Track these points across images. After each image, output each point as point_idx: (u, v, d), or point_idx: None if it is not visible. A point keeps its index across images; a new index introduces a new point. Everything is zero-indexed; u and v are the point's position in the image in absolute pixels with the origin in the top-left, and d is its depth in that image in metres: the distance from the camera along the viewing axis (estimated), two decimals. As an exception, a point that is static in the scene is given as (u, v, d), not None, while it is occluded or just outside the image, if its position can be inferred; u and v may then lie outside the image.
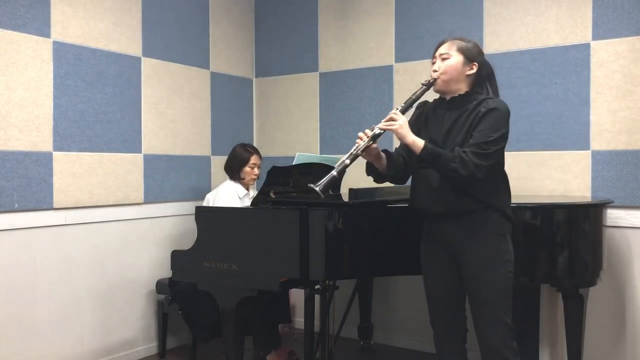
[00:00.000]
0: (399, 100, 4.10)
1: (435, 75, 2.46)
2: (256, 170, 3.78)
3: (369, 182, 4.17)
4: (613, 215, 3.33)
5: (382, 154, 2.54)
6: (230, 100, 4.56)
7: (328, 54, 4.43)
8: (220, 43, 4.47)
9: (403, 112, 2.44)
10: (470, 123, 2.38)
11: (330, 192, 3.51)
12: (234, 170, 3.74)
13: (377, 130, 2.40)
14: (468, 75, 2.45)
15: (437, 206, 2.45)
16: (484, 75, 2.48)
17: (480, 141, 2.32)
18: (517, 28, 3.68)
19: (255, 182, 3.90)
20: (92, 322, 3.62)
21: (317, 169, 3.39)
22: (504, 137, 2.37)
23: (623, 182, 3.37)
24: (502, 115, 2.37)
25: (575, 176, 3.50)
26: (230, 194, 3.67)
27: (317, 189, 2.33)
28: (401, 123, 2.39)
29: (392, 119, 2.40)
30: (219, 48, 4.45)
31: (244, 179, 3.75)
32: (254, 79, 4.79)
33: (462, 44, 2.46)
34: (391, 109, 4.07)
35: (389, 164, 2.55)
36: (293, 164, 3.26)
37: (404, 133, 2.39)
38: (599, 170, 3.43)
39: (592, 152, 3.45)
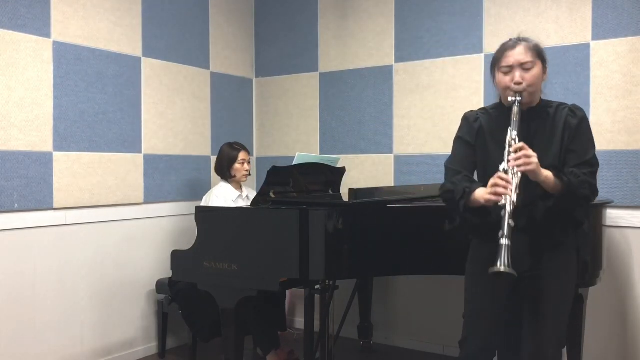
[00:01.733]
0: (399, 100, 4.10)
1: (520, 88, 2.18)
2: (246, 166, 3.76)
3: (369, 182, 4.18)
4: (613, 215, 3.33)
5: None
6: (230, 100, 4.56)
7: (328, 54, 4.43)
8: (220, 43, 4.47)
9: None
10: (561, 134, 2.21)
11: (330, 192, 3.51)
12: (224, 170, 3.74)
13: (519, 175, 2.07)
14: (543, 81, 2.27)
15: (527, 219, 2.20)
16: None
17: (589, 158, 2.19)
18: (517, 28, 3.67)
19: (248, 180, 3.88)
20: (92, 322, 3.62)
21: (317, 169, 3.40)
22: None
23: (623, 182, 3.37)
24: (588, 123, 2.26)
25: (575, 176, 3.49)
26: (223, 199, 3.65)
27: (507, 271, 1.95)
28: (536, 161, 2.08)
29: (527, 156, 2.06)
30: (219, 48, 4.45)
31: (235, 176, 3.73)
32: (254, 79, 4.79)
33: (536, 45, 2.23)
34: (391, 109, 4.14)
35: None
36: (293, 164, 3.26)
37: (539, 171, 2.09)
38: (599, 170, 3.43)
39: (592, 152, 3.45)
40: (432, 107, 3.98)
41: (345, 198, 2.96)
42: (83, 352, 3.57)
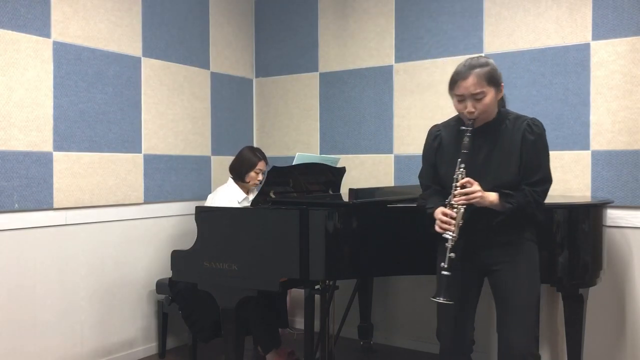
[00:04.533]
0: (399, 100, 4.10)
1: (473, 116, 2.30)
2: (260, 176, 3.76)
3: (369, 182, 4.18)
4: (613, 215, 3.33)
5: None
6: (230, 100, 4.56)
7: (328, 54, 4.43)
8: (220, 43, 4.47)
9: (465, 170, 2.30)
10: (519, 150, 2.32)
11: (330, 192, 3.51)
12: (241, 173, 3.73)
13: (462, 209, 2.26)
14: (499, 100, 2.38)
15: (484, 221, 2.35)
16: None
17: (544, 175, 2.32)
18: (517, 28, 3.68)
19: (256, 186, 3.88)
20: (92, 322, 3.62)
21: (317, 169, 3.40)
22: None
23: (623, 182, 3.37)
24: (545, 139, 2.37)
25: (575, 176, 3.50)
26: (228, 199, 3.65)
27: (442, 301, 2.24)
28: (481, 192, 2.26)
29: (470, 192, 2.25)
30: (219, 48, 4.45)
31: (248, 182, 3.74)
32: (254, 79, 4.79)
33: (488, 72, 2.30)
34: (391, 109, 4.14)
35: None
36: (293, 164, 3.26)
37: (483, 201, 2.28)
38: (598, 170, 3.43)
39: (592, 152, 3.46)
40: (432, 107, 3.98)
41: (345, 198, 2.96)
42: (83, 352, 3.57)
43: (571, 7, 3.51)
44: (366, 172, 4.24)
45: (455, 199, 2.27)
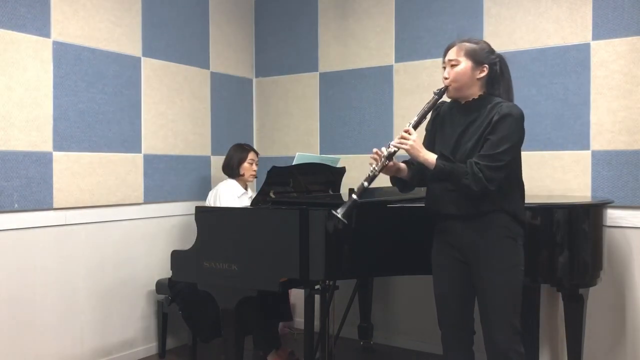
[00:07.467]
0: (399, 100, 4.10)
1: (445, 82, 2.44)
2: (255, 167, 3.83)
3: (369, 182, 4.18)
4: (613, 215, 3.33)
5: (402, 165, 2.55)
6: (230, 100, 4.56)
7: (328, 54, 4.43)
8: (220, 43, 4.47)
9: (415, 126, 2.42)
10: (483, 129, 2.35)
11: (330, 192, 3.51)
12: (233, 168, 3.80)
13: (391, 149, 2.40)
14: (479, 79, 2.42)
15: (450, 208, 2.43)
16: (496, 75, 2.45)
17: (493, 152, 2.30)
18: (517, 28, 3.68)
19: (255, 181, 3.90)
20: (92, 322, 3.62)
21: (317, 169, 3.40)
22: (516, 146, 2.36)
23: (623, 182, 3.37)
24: (516, 122, 2.33)
25: (575, 176, 3.50)
26: (230, 193, 3.72)
27: (339, 215, 2.35)
28: (413, 142, 2.37)
29: (403, 137, 2.38)
30: (219, 48, 4.45)
31: (243, 175, 3.80)
32: (254, 79, 4.79)
33: (470, 46, 2.42)
34: (391, 109, 4.14)
35: (411, 173, 2.57)
36: (293, 164, 3.26)
37: (416, 153, 2.39)
38: (599, 170, 3.43)
39: (592, 152, 3.45)
40: (432, 107, 3.97)
41: (345, 198, 2.95)
42: (83, 352, 3.57)
43: (571, 7, 3.51)
44: (366, 172, 4.22)
45: (393, 142, 2.41)
